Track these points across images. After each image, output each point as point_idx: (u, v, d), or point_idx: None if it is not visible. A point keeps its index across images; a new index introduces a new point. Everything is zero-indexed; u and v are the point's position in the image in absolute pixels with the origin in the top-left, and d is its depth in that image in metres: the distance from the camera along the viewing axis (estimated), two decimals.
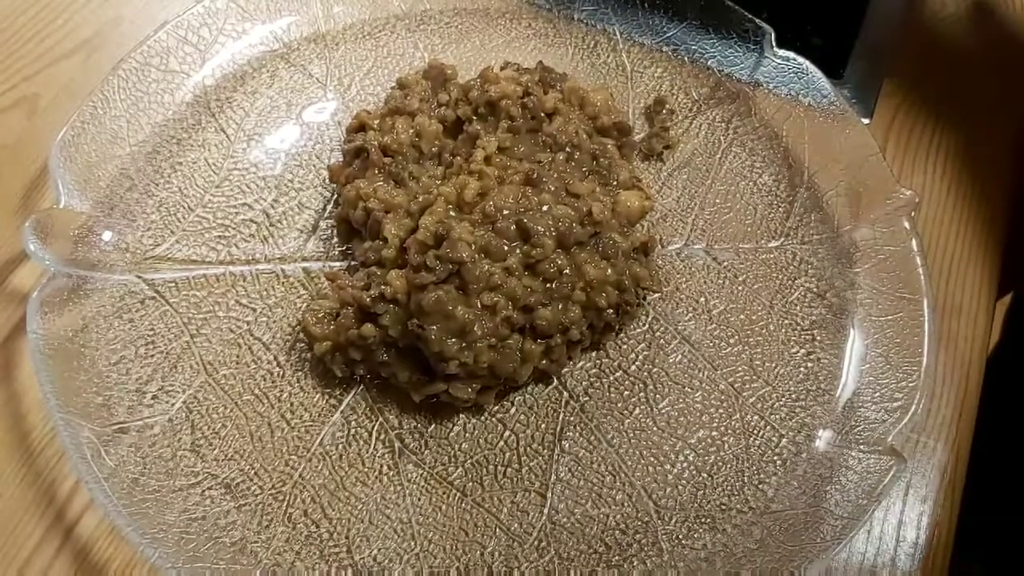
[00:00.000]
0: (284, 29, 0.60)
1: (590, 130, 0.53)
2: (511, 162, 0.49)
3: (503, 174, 0.48)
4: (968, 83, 0.65)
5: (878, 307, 0.51)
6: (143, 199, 0.52)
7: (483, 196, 0.47)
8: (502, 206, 0.46)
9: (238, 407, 0.47)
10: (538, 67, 0.55)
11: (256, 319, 0.50)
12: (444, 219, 0.46)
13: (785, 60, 0.58)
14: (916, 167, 0.61)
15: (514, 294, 0.44)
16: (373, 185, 0.49)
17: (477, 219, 0.46)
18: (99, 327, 0.48)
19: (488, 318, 0.44)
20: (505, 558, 0.44)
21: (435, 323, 0.43)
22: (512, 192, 0.46)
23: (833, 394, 0.49)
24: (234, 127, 0.56)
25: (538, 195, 0.47)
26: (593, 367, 0.50)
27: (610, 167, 0.51)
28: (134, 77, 0.54)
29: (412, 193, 0.49)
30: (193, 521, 0.43)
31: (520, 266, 0.45)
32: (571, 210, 0.46)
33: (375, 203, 0.48)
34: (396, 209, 0.48)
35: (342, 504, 0.45)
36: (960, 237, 0.59)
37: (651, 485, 0.47)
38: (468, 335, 0.43)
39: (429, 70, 0.55)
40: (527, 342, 0.46)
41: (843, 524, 0.43)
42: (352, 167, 0.51)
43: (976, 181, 0.61)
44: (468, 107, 0.52)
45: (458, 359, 0.43)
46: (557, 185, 0.48)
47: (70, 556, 0.45)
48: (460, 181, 0.47)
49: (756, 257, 0.54)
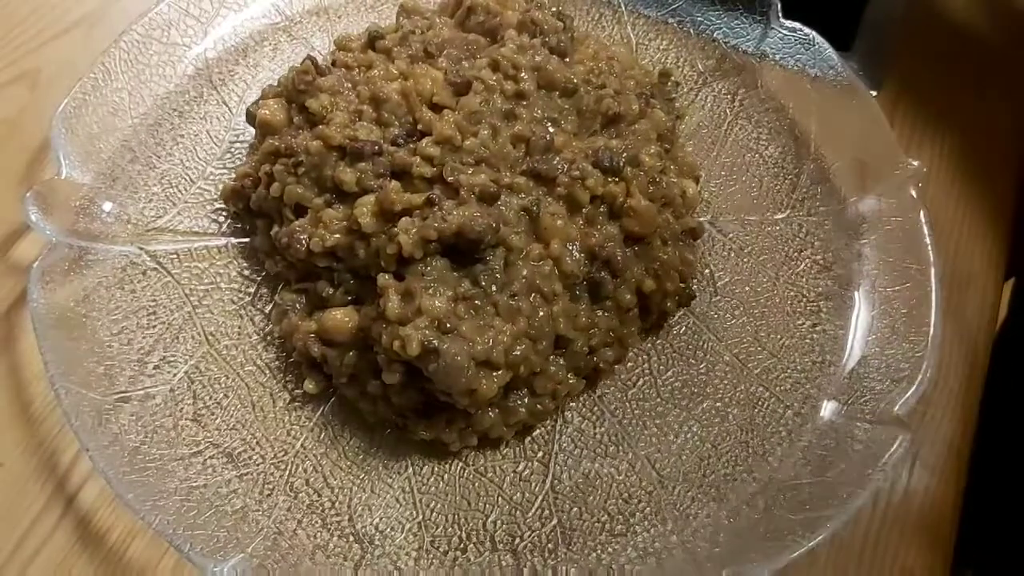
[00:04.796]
0: (286, 2, 0.59)
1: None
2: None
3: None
4: (977, 55, 0.65)
5: (885, 278, 0.51)
6: (145, 171, 0.52)
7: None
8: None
9: (240, 377, 0.47)
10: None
11: (257, 290, 0.50)
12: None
13: (792, 31, 0.58)
14: (924, 139, 0.61)
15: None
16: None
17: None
18: (101, 298, 0.47)
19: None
20: (507, 527, 0.44)
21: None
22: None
23: (838, 365, 0.49)
24: (236, 99, 0.56)
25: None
26: None
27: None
28: (136, 49, 0.54)
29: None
30: (194, 490, 0.43)
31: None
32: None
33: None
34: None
35: (344, 473, 0.45)
36: (968, 209, 0.58)
37: (655, 455, 0.47)
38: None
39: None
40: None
41: (848, 494, 0.43)
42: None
43: (984, 153, 0.60)
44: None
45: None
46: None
47: (71, 525, 0.45)
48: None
49: (762, 229, 0.54)
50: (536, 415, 0.45)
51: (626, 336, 0.48)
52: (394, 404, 0.43)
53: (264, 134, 0.50)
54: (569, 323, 0.45)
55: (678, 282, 0.49)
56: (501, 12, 0.52)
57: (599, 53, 0.54)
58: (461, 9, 0.53)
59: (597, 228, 0.46)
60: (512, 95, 0.47)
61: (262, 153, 0.49)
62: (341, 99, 0.48)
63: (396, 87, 0.47)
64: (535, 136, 0.46)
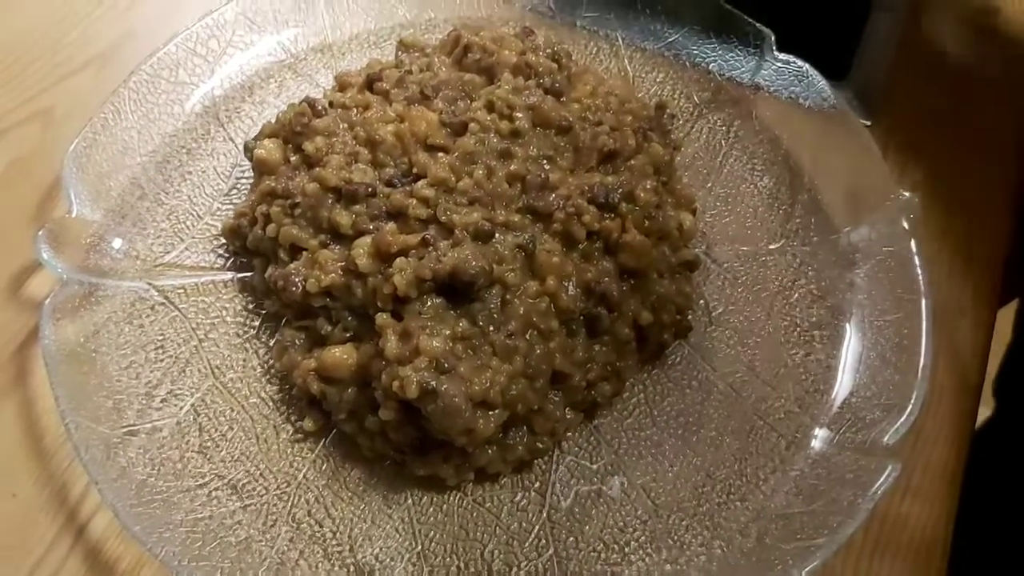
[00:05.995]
0: (291, 40, 0.61)
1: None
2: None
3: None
4: (970, 86, 0.66)
5: (877, 308, 0.51)
6: (153, 207, 0.54)
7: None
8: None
9: (244, 410, 0.48)
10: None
11: (261, 324, 0.51)
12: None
13: (786, 64, 0.59)
14: (917, 170, 0.61)
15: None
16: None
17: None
18: (110, 332, 0.49)
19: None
20: (504, 556, 0.45)
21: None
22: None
23: (831, 395, 0.49)
24: (242, 136, 0.57)
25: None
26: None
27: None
28: (144, 89, 0.55)
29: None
30: (200, 521, 0.44)
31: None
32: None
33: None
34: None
35: (345, 504, 0.46)
36: (960, 239, 0.59)
37: (650, 484, 0.47)
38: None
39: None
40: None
41: (838, 524, 0.44)
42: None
43: (977, 184, 0.61)
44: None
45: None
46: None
47: (81, 555, 0.46)
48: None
49: (756, 259, 0.55)
50: (534, 452, 0.46)
51: (624, 369, 0.49)
52: (392, 440, 0.44)
53: (261, 172, 0.51)
54: (566, 359, 0.46)
55: (675, 314, 0.50)
56: (497, 51, 0.53)
57: (597, 89, 0.55)
58: (458, 47, 0.54)
59: (593, 263, 0.47)
60: (507, 133, 0.49)
61: (258, 193, 0.50)
62: (337, 141, 0.49)
63: (392, 129, 0.48)
64: (530, 174, 0.47)
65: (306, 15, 0.62)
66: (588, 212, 0.47)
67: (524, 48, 0.54)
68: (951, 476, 0.51)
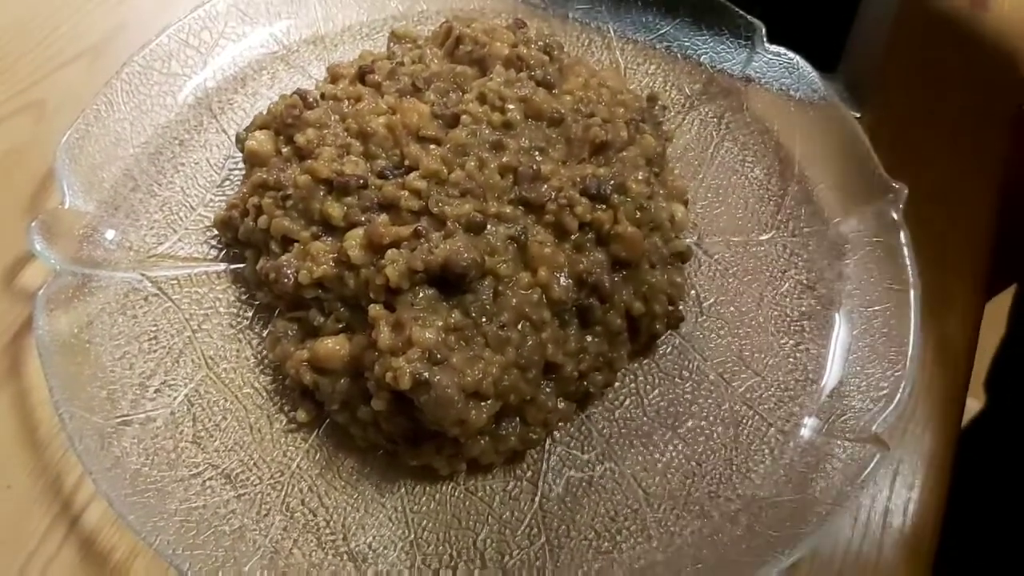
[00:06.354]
0: (284, 32, 0.61)
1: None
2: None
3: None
4: (960, 77, 0.66)
5: (866, 298, 0.52)
6: (146, 199, 0.54)
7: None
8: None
9: (238, 400, 0.48)
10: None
11: (255, 314, 0.51)
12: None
13: (776, 55, 0.59)
14: (906, 160, 0.62)
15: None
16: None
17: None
18: (103, 323, 0.49)
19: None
20: (497, 545, 0.45)
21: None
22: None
23: (820, 384, 0.50)
24: (235, 128, 0.57)
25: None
26: None
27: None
28: (137, 80, 0.56)
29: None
30: (194, 510, 0.44)
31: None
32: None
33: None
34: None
35: (338, 493, 0.46)
36: (949, 229, 0.59)
37: (641, 474, 0.48)
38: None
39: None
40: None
41: (827, 512, 0.44)
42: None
43: (966, 175, 0.62)
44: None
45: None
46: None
47: (76, 544, 0.46)
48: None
49: (747, 250, 0.55)
50: (527, 442, 0.47)
51: (616, 360, 0.49)
52: (384, 430, 0.45)
53: (252, 164, 0.51)
54: (558, 349, 0.46)
55: (667, 305, 0.50)
56: (489, 43, 0.53)
57: (589, 80, 0.55)
58: (450, 39, 0.54)
59: (585, 255, 0.48)
60: (499, 125, 0.49)
61: (250, 185, 0.50)
62: (329, 132, 0.49)
63: (383, 121, 0.48)
64: (522, 165, 0.48)
65: (298, 7, 0.62)
66: (580, 203, 0.47)
67: (516, 40, 0.54)
68: (940, 464, 0.51)
